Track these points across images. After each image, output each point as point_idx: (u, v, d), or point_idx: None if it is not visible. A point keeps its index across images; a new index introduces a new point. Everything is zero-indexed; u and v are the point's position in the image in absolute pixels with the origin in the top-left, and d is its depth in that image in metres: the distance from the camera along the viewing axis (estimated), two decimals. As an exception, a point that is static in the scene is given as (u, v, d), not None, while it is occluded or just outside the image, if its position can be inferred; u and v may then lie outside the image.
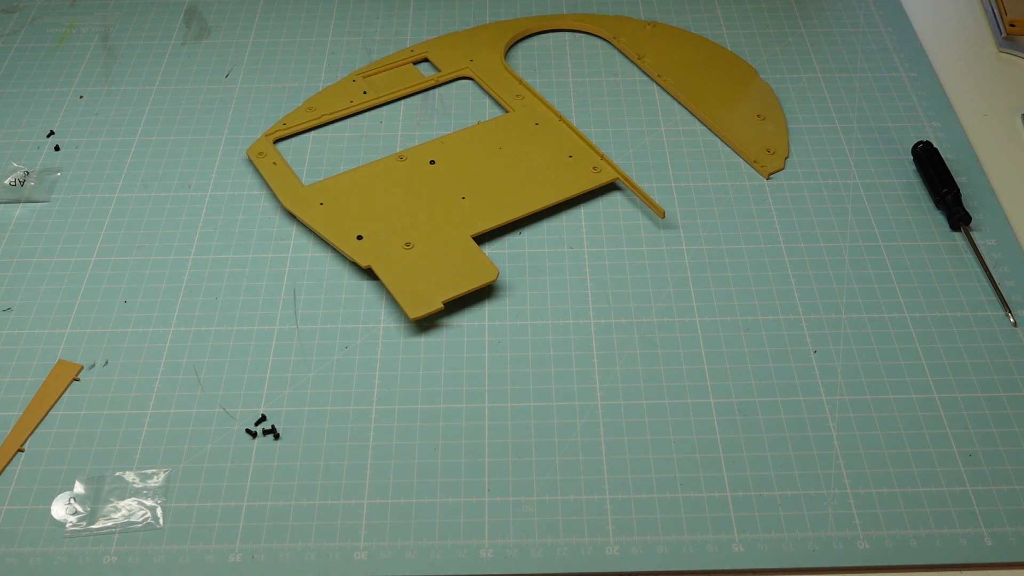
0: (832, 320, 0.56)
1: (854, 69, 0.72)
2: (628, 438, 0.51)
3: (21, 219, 0.62)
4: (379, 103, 0.69)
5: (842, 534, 0.47)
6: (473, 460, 0.50)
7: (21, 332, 0.56)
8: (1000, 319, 0.56)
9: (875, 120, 0.68)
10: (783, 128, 0.67)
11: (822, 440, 0.51)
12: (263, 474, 0.50)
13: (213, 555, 0.47)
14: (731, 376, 0.53)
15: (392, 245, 0.58)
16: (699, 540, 0.47)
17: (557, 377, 0.54)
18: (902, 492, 0.49)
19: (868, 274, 0.58)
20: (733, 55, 0.73)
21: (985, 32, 0.76)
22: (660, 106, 0.69)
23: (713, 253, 0.60)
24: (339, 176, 0.63)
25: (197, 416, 0.52)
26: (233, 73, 0.72)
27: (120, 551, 0.47)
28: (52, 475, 0.50)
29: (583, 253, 0.60)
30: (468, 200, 0.61)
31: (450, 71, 0.71)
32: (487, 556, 0.47)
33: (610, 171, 0.63)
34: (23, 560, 0.47)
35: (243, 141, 0.67)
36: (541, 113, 0.67)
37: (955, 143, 0.66)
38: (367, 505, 0.49)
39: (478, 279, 0.57)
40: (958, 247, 0.60)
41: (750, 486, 0.49)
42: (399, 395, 0.53)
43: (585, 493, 0.49)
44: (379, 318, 0.56)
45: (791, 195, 0.63)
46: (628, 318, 0.56)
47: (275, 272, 0.59)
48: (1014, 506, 0.48)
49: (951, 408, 0.52)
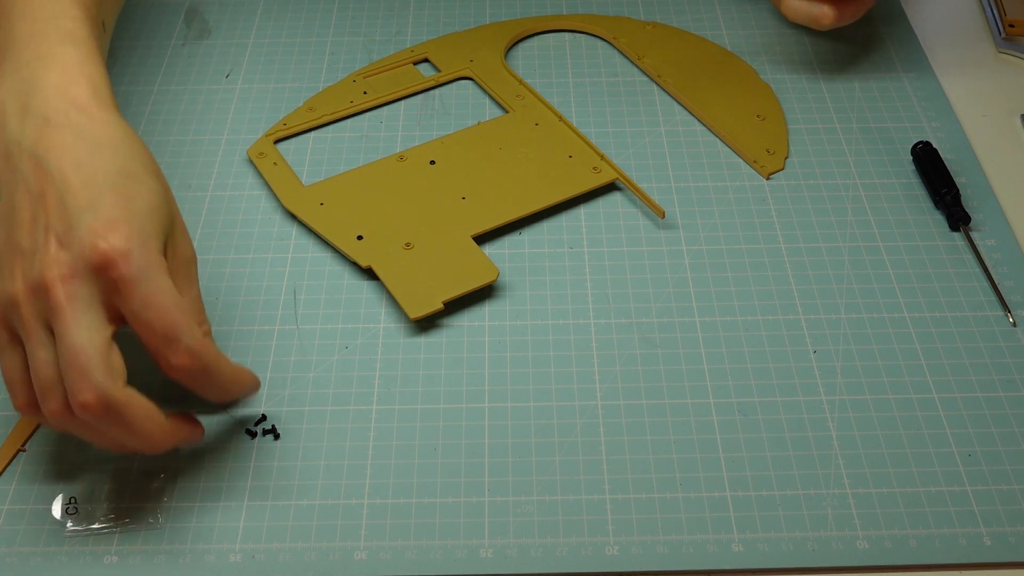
0: (831, 320, 0.56)
1: (854, 69, 0.72)
2: (628, 438, 0.51)
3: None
4: (379, 103, 0.69)
5: (842, 534, 0.47)
6: (473, 460, 0.50)
7: (21, 332, 0.56)
8: (999, 319, 0.56)
9: (874, 120, 0.68)
10: (783, 128, 0.67)
11: (821, 440, 0.51)
12: (263, 474, 0.50)
13: (213, 555, 0.47)
14: (731, 376, 0.54)
15: (392, 245, 0.59)
16: (699, 540, 0.47)
17: (557, 377, 0.54)
18: (901, 492, 0.49)
19: (867, 274, 0.59)
20: (733, 55, 0.73)
21: (984, 33, 0.76)
22: (660, 106, 0.69)
23: (713, 253, 0.60)
24: (339, 176, 0.63)
25: (197, 416, 0.52)
26: (233, 73, 0.72)
27: (120, 551, 0.47)
28: (52, 475, 0.50)
29: (583, 253, 0.60)
30: (468, 200, 0.61)
31: (450, 71, 0.71)
32: (487, 556, 0.47)
33: (610, 171, 0.63)
34: (23, 560, 0.47)
35: (243, 141, 0.67)
36: (541, 113, 0.67)
37: (954, 143, 0.66)
38: (367, 505, 0.49)
39: (478, 279, 0.57)
40: (957, 247, 0.60)
41: (750, 486, 0.49)
42: (399, 395, 0.53)
43: (585, 493, 0.49)
44: (379, 318, 0.56)
45: (791, 195, 0.63)
46: (628, 318, 0.56)
47: (275, 272, 0.59)
48: (1013, 506, 0.48)
49: (950, 408, 0.52)
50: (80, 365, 0.42)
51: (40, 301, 0.43)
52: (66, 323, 0.42)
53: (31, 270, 0.43)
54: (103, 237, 0.42)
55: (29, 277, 0.43)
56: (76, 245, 0.42)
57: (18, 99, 0.47)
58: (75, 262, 0.42)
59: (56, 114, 0.46)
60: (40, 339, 0.43)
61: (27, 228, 0.44)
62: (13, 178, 0.45)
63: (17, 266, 0.43)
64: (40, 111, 0.46)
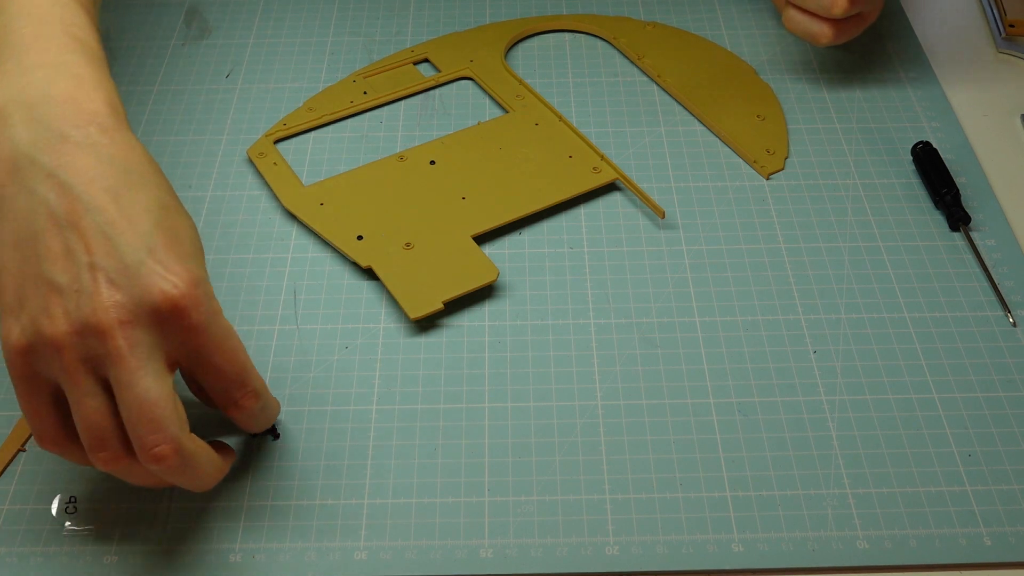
0: (831, 320, 0.56)
1: (854, 70, 0.72)
2: (628, 438, 0.51)
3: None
4: (379, 103, 0.69)
5: (842, 534, 0.47)
6: (473, 460, 0.50)
7: (21, 332, 0.56)
8: (999, 319, 0.56)
9: (874, 120, 0.68)
10: (783, 128, 0.67)
11: (821, 440, 0.51)
12: (263, 474, 0.50)
13: (213, 555, 0.47)
14: (731, 376, 0.54)
15: (392, 245, 0.59)
16: (699, 540, 0.47)
17: (557, 377, 0.54)
18: (901, 492, 0.49)
19: (867, 274, 0.59)
20: (733, 55, 0.73)
21: (984, 33, 0.76)
22: (660, 106, 0.69)
23: (713, 253, 0.60)
24: (339, 176, 0.63)
25: (197, 416, 0.52)
26: (233, 73, 0.72)
27: (120, 551, 0.47)
28: (52, 475, 0.50)
29: (583, 253, 0.60)
30: (468, 200, 0.61)
31: (450, 71, 0.71)
32: (487, 556, 0.47)
33: (610, 171, 0.63)
34: (23, 560, 0.47)
35: (243, 141, 0.67)
36: (541, 113, 0.67)
37: (954, 143, 0.66)
38: (367, 505, 0.49)
39: (478, 279, 0.57)
40: (957, 247, 0.60)
41: (750, 486, 0.49)
42: (399, 395, 0.53)
43: (585, 493, 0.49)
44: (379, 318, 0.56)
45: (791, 195, 0.63)
46: (628, 318, 0.56)
47: (275, 272, 0.59)
48: (1013, 506, 0.48)
49: (950, 408, 0.52)
50: (154, 418, 0.40)
51: (89, 346, 0.40)
52: (131, 372, 0.40)
53: (77, 311, 0.39)
54: (172, 284, 0.40)
55: (76, 319, 0.39)
56: (137, 289, 0.40)
57: (23, 107, 0.43)
58: (136, 307, 0.40)
59: (74, 131, 0.42)
60: (88, 387, 0.40)
61: (61, 262, 0.40)
62: (30, 200, 0.41)
63: (55, 305, 0.40)
64: (54, 125, 0.42)
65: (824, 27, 0.66)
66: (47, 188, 0.41)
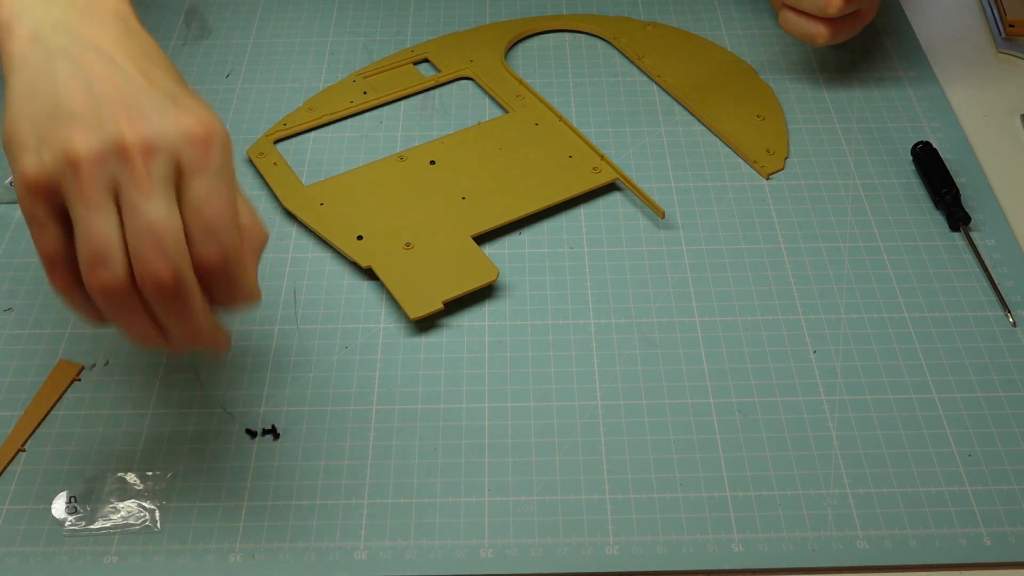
0: (831, 320, 0.56)
1: (853, 70, 0.72)
2: (628, 438, 0.51)
3: (23, 220, 0.62)
4: (379, 103, 0.69)
5: (842, 534, 0.47)
6: (473, 460, 0.50)
7: (22, 332, 0.56)
8: (999, 319, 0.56)
9: (874, 120, 0.68)
10: (783, 128, 0.67)
11: (821, 440, 0.51)
12: (263, 474, 0.50)
13: (213, 555, 0.47)
14: (731, 376, 0.54)
15: (392, 245, 0.59)
16: (699, 540, 0.47)
17: (557, 377, 0.54)
18: (901, 492, 0.49)
19: (867, 274, 0.59)
20: (733, 55, 0.73)
21: (984, 33, 0.76)
22: (660, 106, 0.69)
23: (713, 253, 0.60)
24: (339, 176, 0.63)
25: (197, 416, 0.52)
26: (233, 73, 0.72)
27: (121, 551, 0.47)
28: (52, 475, 0.50)
29: (583, 253, 0.60)
30: (468, 200, 0.61)
31: (450, 71, 0.71)
32: (487, 556, 0.47)
33: (610, 171, 0.63)
34: (23, 560, 0.47)
35: (243, 141, 0.67)
36: (541, 113, 0.67)
37: (954, 143, 0.66)
38: (367, 505, 0.49)
39: (478, 279, 0.57)
40: (957, 247, 0.60)
41: (750, 486, 0.49)
42: (399, 395, 0.53)
43: (585, 493, 0.49)
44: (379, 318, 0.56)
45: (791, 195, 0.63)
46: (628, 318, 0.56)
47: (275, 272, 0.59)
48: (1013, 506, 0.48)
49: (950, 408, 0.52)
50: (159, 239, 0.40)
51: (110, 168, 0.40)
52: (147, 196, 0.39)
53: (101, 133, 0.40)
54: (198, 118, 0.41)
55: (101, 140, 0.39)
56: (161, 119, 0.40)
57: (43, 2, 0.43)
58: (159, 136, 0.40)
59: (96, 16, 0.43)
60: (101, 206, 0.40)
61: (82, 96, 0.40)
62: (49, 58, 0.41)
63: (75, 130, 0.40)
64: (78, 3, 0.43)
65: (820, 27, 0.66)
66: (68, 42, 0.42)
